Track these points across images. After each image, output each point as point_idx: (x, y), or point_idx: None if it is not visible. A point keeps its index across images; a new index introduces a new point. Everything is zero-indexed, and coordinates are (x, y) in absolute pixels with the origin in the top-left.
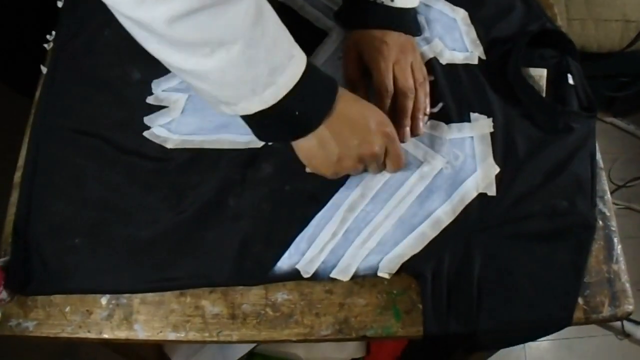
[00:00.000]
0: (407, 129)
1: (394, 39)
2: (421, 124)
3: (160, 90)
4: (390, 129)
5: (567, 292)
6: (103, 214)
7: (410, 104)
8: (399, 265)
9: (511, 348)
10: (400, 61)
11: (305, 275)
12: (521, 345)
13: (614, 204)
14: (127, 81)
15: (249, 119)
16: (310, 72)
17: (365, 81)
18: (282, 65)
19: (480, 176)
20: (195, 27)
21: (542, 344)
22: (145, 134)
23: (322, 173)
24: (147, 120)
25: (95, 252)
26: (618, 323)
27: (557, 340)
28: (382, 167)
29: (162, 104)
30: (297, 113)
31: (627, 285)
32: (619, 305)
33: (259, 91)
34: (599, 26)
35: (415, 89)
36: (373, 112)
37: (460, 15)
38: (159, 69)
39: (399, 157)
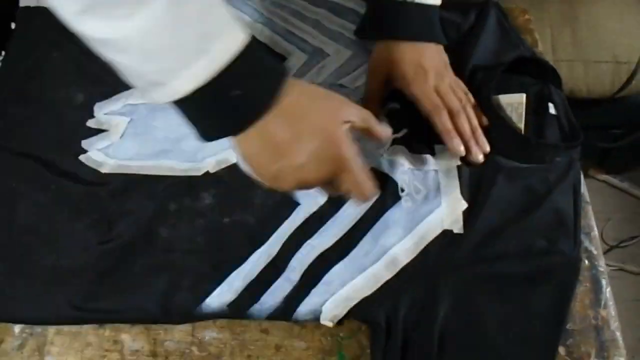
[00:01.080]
0: (475, 147)
1: (429, 61)
2: (483, 137)
3: (102, 113)
4: (346, 150)
5: (546, 342)
6: (28, 238)
7: (464, 123)
8: (346, 310)
9: None
10: (440, 86)
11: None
12: None
13: (607, 264)
14: (70, 103)
15: (183, 107)
16: (253, 46)
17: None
18: (218, 30)
19: (446, 212)
20: None
21: None
22: (81, 157)
23: (260, 179)
24: (85, 143)
25: (14, 278)
26: None
27: None
28: (341, 191)
29: (103, 128)
30: (236, 93)
31: (617, 334)
32: (607, 357)
33: (189, 62)
34: (589, 68)
35: (464, 107)
36: (331, 120)
37: None
38: (104, 92)
39: (357, 186)
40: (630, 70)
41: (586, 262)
